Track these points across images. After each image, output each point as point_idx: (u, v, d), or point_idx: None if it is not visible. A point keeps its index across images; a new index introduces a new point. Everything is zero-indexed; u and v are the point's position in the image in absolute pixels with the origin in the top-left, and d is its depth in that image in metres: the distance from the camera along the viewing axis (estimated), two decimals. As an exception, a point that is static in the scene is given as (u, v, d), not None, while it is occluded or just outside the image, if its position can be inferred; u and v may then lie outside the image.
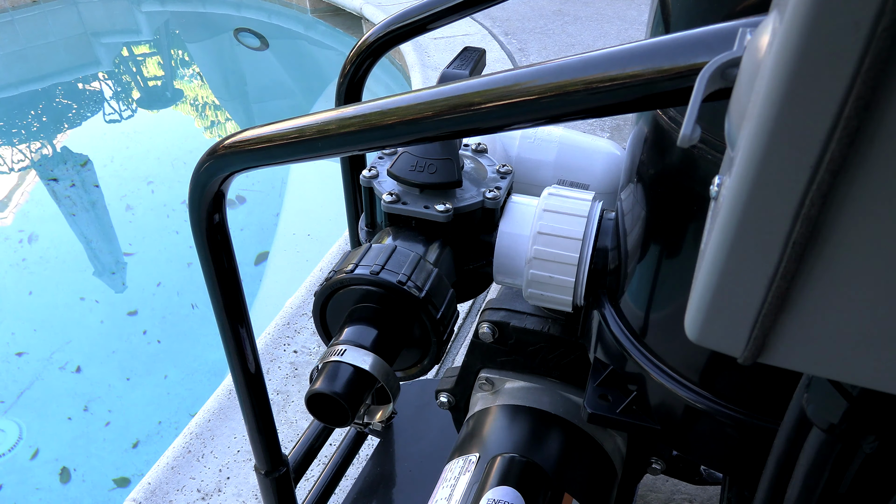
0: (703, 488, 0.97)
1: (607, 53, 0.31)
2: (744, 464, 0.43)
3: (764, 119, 0.18)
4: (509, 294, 0.61)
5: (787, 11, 0.17)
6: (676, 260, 0.41)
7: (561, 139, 0.66)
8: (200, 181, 0.48)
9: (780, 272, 0.20)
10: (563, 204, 0.49)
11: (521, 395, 0.59)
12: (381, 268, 0.44)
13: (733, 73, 0.24)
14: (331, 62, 4.04)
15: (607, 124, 2.12)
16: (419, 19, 0.64)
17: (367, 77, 0.68)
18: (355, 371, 0.42)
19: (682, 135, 0.22)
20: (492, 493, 0.49)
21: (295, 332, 1.34)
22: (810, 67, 0.17)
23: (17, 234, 2.56)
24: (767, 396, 0.39)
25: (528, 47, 2.86)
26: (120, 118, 3.80)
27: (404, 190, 0.51)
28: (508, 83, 0.34)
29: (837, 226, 0.19)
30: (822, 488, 0.28)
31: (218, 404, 1.19)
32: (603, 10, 3.26)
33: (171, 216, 2.60)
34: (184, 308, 2.16)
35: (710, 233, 0.22)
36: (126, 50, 4.80)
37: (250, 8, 4.87)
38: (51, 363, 1.97)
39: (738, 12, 0.32)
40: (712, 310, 0.22)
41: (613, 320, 0.47)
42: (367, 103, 0.41)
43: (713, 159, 0.35)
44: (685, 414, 0.43)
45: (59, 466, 1.68)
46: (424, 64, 2.69)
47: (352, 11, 3.76)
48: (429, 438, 0.89)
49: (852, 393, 0.25)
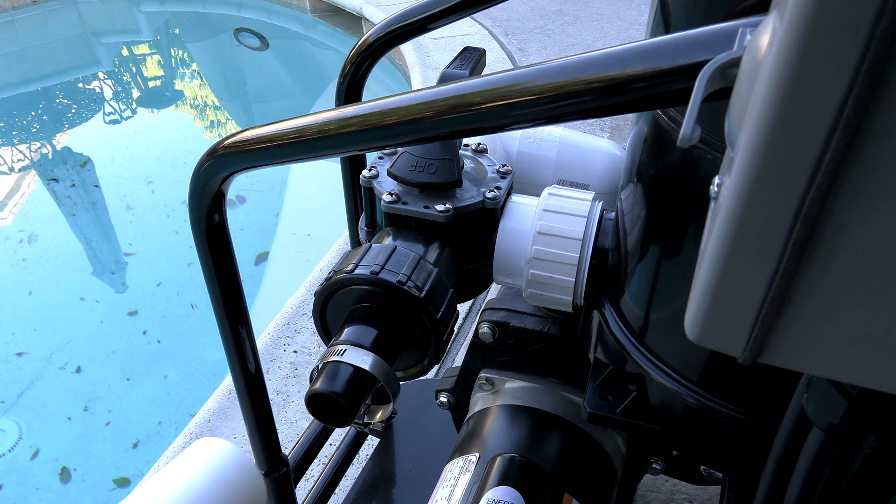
0: (703, 488, 0.97)
1: (607, 53, 0.31)
2: (744, 464, 0.43)
3: (764, 119, 0.18)
4: (509, 294, 0.61)
5: (787, 11, 0.17)
6: (676, 260, 0.41)
7: (561, 139, 0.66)
8: (200, 181, 0.48)
9: (780, 272, 0.20)
10: (563, 204, 0.49)
11: (520, 394, 0.59)
12: (381, 268, 0.44)
13: (733, 73, 0.24)
14: (331, 62, 4.04)
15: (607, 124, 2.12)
16: (419, 19, 0.64)
17: (367, 77, 0.68)
18: (355, 371, 0.42)
19: (682, 135, 0.22)
20: (492, 493, 0.49)
21: (295, 332, 1.34)
22: (810, 67, 0.17)
23: (17, 234, 2.56)
24: (767, 396, 0.39)
25: (528, 47, 2.86)
26: (120, 118, 3.80)
27: (404, 190, 0.51)
28: (508, 83, 0.34)
29: (837, 226, 0.19)
30: (821, 488, 0.28)
31: (218, 404, 1.19)
32: (603, 10, 3.26)
33: (171, 216, 2.60)
34: (184, 308, 2.16)
35: (710, 233, 0.22)
36: (126, 50, 4.80)
37: (250, 8, 4.87)
38: (51, 363, 1.97)
39: (738, 12, 0.32)
40: (712, 310, 0.22)
41: (613, 320, 0.47)
42: (367, 103, 0.41)
43: (713, 159, 0.35)
44: (685, 414, 0.43)
45: (59, 466, 1.68)
46: (424, 64, 2.69)
47: (352, 11, 3.76)
48: (429, 438, 0.89)
49: (852, 393, 0.25)
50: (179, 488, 0.29)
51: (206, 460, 0.30)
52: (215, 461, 0.30)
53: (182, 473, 0.30)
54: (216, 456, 0.30)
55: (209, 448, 0.30)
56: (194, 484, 0.29)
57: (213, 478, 0.29)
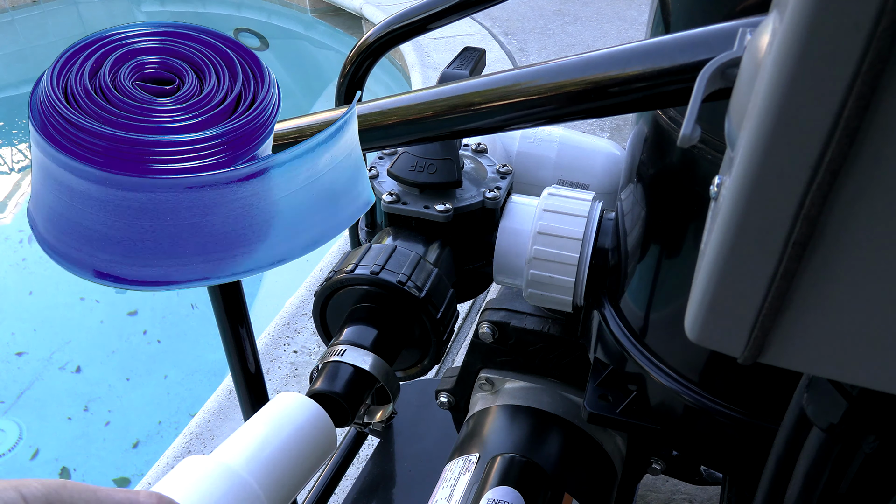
0: (703, 488, 0.97)
1: (607, 53, 0.31)
2: (744, 464, 0.43)
3: (764, 119, 0.18)
4: (509, 294, 0.61)
5: (787, 11, 0.17)
6: (676, 260, 0.41)
7: (561, 139, 0.66)
8: (200, 181, 0.48)
9: (780, 272, 0.20)
10: (563, 204, 0.49)
11: (520, 395, 0.59)
12: (381, 268, 0.44)
13: (733, 73, 0.24)
14: (331, 62, 4.04)
15: (607, 124, 2.12)
16: (419, 19, 0.64)
17: (367, 77, 0.68)
18: (355, 371, 0.42)
19: (682, 135, 0.22)
20: (492, 493, 0.49)
21: (295, 332, 1.34)
22: (810, 67, 0.17)
23: (17, 234, 2.56)
24: (767, 396, 0.39)
25: (528, 47, 2.86)
26: (120, 118, 3.80)
27: (404, 190, 0.51)
28: (508, 83, 0.34)
29: (837, 226, 0.19)
30: (821, 488, 0.28)
31: (218, 404, 1.19)
32: (603, 10, 3.26)
33: (171, 216, 2.60)
34: (184, 308, 2.16)
35: (710, 233, 0.22)
36: (126, 50, 4.79)
37: (250, 8, 4.87)
38: (51, 363, 1.97)
39: (738, 12, 0.32)
40: (712, 310, 0.22)
41: (613, 320, 0.47)
42: (367, 103, 0.41)
43: (713, 159, 0.35)
44: (685, 414, 0.43)
45: (59, 466, 1.68)
46: (424, 64, 2.69)
47: (352, 11, 3.76)
48: (429, 438, 0.88)
49: (852, 393, 0.25)
50: (267, 437, 0.34)
51: (288, 411, 0.36)
52: (296, 413, 0.36)
53: (267, 424, 0.35)
54: (297, 408, 0.36)
55: (290, 401, 0.37)
56: (277, 433, 0.34)
57: (296, 427, 0.35)
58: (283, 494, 0.33)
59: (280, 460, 0.33)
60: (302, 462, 0.35)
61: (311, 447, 0.36)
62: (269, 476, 0.32)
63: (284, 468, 0.33)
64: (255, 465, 0.32)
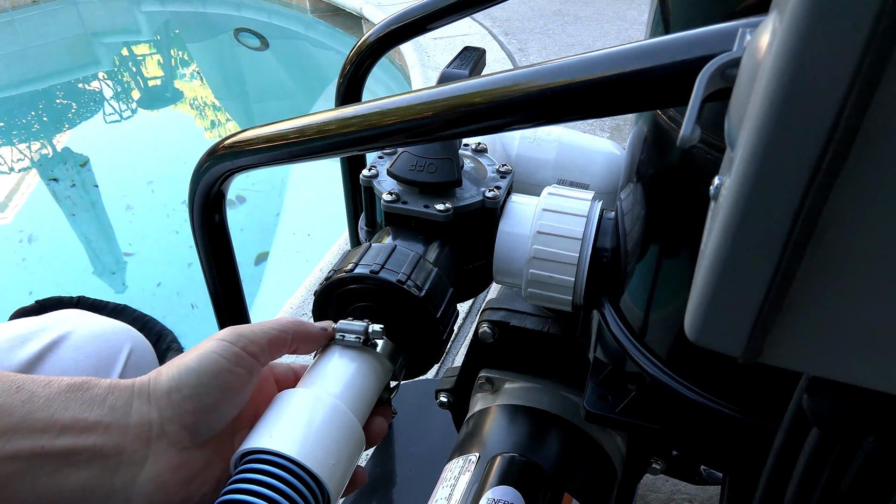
0: (703, 488, 0.97)
1: (607, 53, 0.31)
2: (744, 464, 0.43)
3: (764, 119, 0.18)
4: (509, 294, 0.61)
5: (787, 12, 0.17)
6: (676, 260, 0.41)
7: (561, 139, 0.66)
8: (200, 181, 0.48)
9: (780, 272, 0.20)
10: (562, 203, 0.49)
11: (520, 394, 0.59)
12: (381, 267, 0.44)
13: (733, 73, 0.24)
14: (331, 62, 4.04)
15: (607, 124, 2.12)
16: (419, 19, 0.64)
17: (367, 77, 0.68)
18: (355, 371, 0.42)
19: (682, 135, 0.22)
20: (492, 493, 0.49)
21: (295, 331, 1.34)
22: (810, 67, 0.17)
23: (17, 234, 2.56)
24: (767, 396, 0.39)
25: (528, 47, 2.86)
26: (120, 118, 3.80)
27: (404, 189, 0.51)
28: (508, 83, 0.34)
29: (837, 226, 0.19)
30: (821, 488, 0.28)
31: (218, 404, 1.19)
32: (603, 10, 3.26)
33: (171, 216, 2.60)
34: (184, 308, 2.16)
35: (710, 233, 0.22)
36: (126, 50, 4.80)
37: (250, 8, 4.87)
38: (51, 363, 1.96)
39: (738, 12, 0.32)
40: (712, 310, 0.22)
41: (613, 320, 0.47)
42: (367, 103, 0.41)
43: (713, 159, 0.35)
44: (685, 414, 0.43)
45: (59, 466, 1.68)
46: (424, 64, 2.69)
47: (352, 11, 3.76)
48: (429, 438, 0.89)
49: (852, 393, 0.25)
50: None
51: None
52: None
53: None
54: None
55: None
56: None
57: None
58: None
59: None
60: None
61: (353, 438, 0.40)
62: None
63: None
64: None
